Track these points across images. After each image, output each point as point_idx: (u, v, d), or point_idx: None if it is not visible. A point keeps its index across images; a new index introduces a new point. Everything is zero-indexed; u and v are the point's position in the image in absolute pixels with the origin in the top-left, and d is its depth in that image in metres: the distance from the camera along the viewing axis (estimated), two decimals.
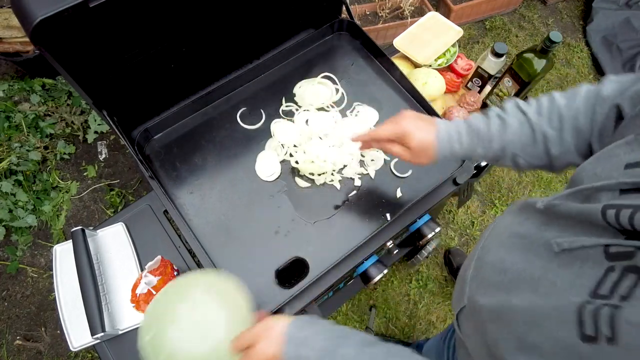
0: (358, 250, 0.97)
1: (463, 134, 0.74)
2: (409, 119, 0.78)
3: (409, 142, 0.77)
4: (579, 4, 2.71)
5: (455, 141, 0.74)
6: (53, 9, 0.66)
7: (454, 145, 0.75)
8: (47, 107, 1.99)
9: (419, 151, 0.77)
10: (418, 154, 0.78)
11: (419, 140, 0.76)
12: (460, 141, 0.74)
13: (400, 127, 0.78)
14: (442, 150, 0.76)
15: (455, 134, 0.74)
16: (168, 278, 0.93)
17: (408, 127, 0.77)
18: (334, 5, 1.23)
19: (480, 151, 0.73)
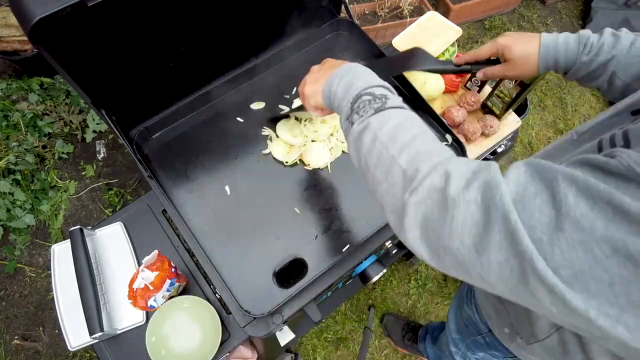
0: (357, 250, 0.97)
1: (571, 42, 0.75)
2: (507, 35, 0.81)
3: (508, 55, 0.80)
4: (578, 3, 2.72)
5: (561, 47, 0.76)
6: (51, 8, 0.66)
7: (559, 52, 0.76)
8: (45, 106, 1.98)
9: (520, 62, 0.79)
10: (519, 66, 0.80)
11: (518, 50, 0.78)
12: (567, 48, 0.75)
13: (497, 42, 0.82)
14: (545, 58, 0.77)
15: (563, 42, 0.76)
16: (165, 274, 0.93)
17: (506, 41, 0.80)
18: (333, 4, 1.22)
19: (585, 59, 0.74)
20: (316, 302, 0.97)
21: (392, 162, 0.52)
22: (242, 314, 0.88)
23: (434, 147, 0.53)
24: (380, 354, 1.77)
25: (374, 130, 0.56)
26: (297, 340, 1.76)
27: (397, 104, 0.59)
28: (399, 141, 0.53)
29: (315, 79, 0.75)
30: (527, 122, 2.29)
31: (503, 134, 1.34)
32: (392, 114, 0.57)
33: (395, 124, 0.55)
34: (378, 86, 0.62)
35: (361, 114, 0.59)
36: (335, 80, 0.68)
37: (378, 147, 0.55)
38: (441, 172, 0.47)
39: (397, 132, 0.54)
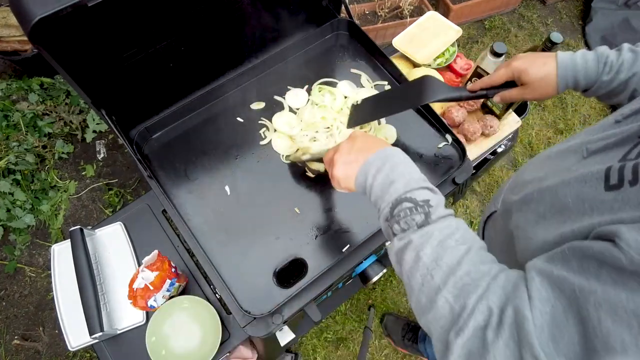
0: (357, 250, 0.97)
1: (590, 60, 0.75)
2: (521, 58, 0.80)
3: (525, 78, 0.79)
4: (578, 3, 2.72)
5: (580, 67, 0.75)
6: (51, 8, 0.66)
7: (578, 72, 0.75)
8: (46, 106, 1.98)
9: (539, 85, 0.78)
10: (537, 88, 0.79)
11: (535, 73, 0.78)
12: (587, 67, 0.75)
13: (511, 67, 0.81)
14: (564, 78, 0.76)
15: (582, 61, 0.75)
16: (165, 274, 0.93)
17: (520, 64, 0.79)
18: (333, 4, 1.22)
19: (606, 79, 0.74)
20: (316, 302, 0.96)
21: (437, 292, 0.51)
22: (242, 314, 0.88)
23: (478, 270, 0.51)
24: (380, 354, 1.77)
25: (416, 248, 0.55)
26: (297, 340, 1.76)
27: (439, 214, 0.57)
28: (444, 265, 0.52)
29: (346, 162, 0.70)
30: (527, 122, 2.29)
31: (503, 134, 1.34)
32: (435, 229, 0.55)
33: (438, 242, 0.54)
34: (419, 188, 0.59)
35: (402, 225, 0.57)
36: (371, 171, 0.65)
37: (422, 270, 0.53)
38: (484, 309, 0.47)
39: (441, 253, 0.53)
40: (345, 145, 0.72)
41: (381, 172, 0.63)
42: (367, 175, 0.65)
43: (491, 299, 0.47)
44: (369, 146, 0.69)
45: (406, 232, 0.57)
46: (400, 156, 0.66)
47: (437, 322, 0.51)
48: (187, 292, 1.05)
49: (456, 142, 1.10)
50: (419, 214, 0.56)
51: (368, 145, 0.69)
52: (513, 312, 0.45)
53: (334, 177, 0.73)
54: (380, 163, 0.65)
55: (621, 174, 0.48)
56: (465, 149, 1.07)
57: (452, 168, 1.07)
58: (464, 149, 1.07)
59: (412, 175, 0.62)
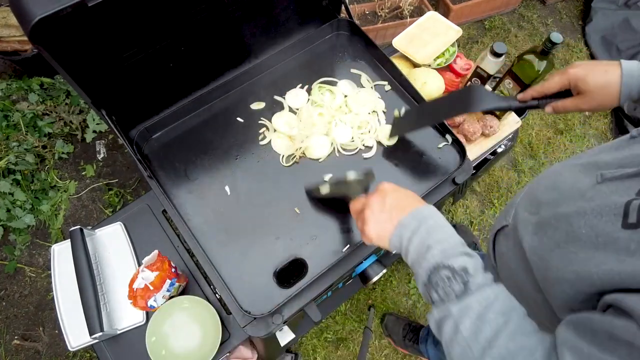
0: (357, 250, 0.97)
1: None
2: (579, 65, 0.75)
3: (583, 87, 0.74)
4: (578, 3, 2.72)
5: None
6: (52, 8, 0.66)
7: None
8: (46, 106, 1.98)
9: (598, 94, 0.73)
10: (596, 97, 0.74)
11: (595, 81, 0.73)
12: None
13: (568, 74, 0.76)
14: (628, 86, 0.72)
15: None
16: (165, 274, 0.93)
17: (578, 72, 0.74)
18: (333, 4, 1.22)
19: None
20: (316, 302, 0.96)
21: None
22: (242, 314, 0.88)
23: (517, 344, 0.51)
24: (380, 354, 1.77)
25: (455, 321, 0.55)
26: (297, 340, 1.75)
27: (478, 283, 0.56)
28: (482, 339, 0.52)
29: (379, 220, 0.68)
30: (527, 122, 2.29)
31: (503, 134, 1.34)
32: (474, 301, 0.55)
33: (477, 315, 0.54)
34: (456, 255, 0.59)
35: (441, 294, 0.57)
36: (406, 234, 0.64)
37: (461, 343, 0.54)
38: None
39: (480, 326, 0.53)
40: (377, 202, 0.70)
41: (417, 235, 0.62)
42: (402, 238, 0.64)
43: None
44: (402, 204, 0.67)
45: (445, 304, 0.56)
46: (435, 217, 0.64)
47: None
48: (187, 292, 1.05)
49: (456, 142, 1.10)
50: (458, 284, 0.56)
51: (401, 203, 0.67)
52: None
53: (365, 235, 0.70)
54: (415, 225, 0.63)
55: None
56: (465, 149, 1.07)
57: (452, 168, 1.07)
58: (464, 149, 1.07)
59: (449, 240, 0.61)
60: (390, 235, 0.67)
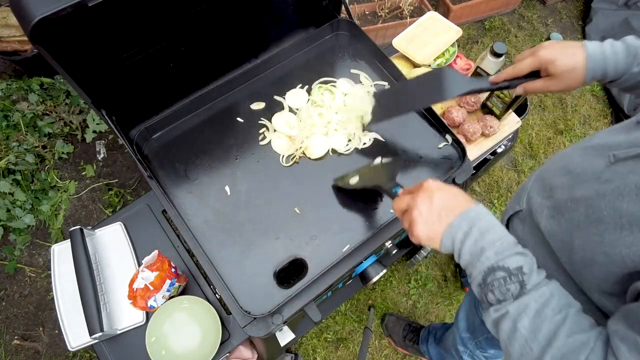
0: (357, 251, 0.97)
1: (620, 52, 0.73)
2: (548, 47, 0.77)
3: (552, 70, 0.76)
4: (578, 4, 2.72)
5: (610, 59, 0.73)
6: (52, 8, 0.66)
7: (608, 64, 0.73)
8: (46, 107, 1.98)
9: (565, 76, 0.76)
10: (564, 79, 0.76)
11: (563, 64, 0.75)
12: (616, 60, 0.73)
13: (538, 56, 0.77)
14: (593, 70, 0.74)
15: (611, 53, 0.73)
16: (165, 274, 0.93)
17: (548, 54, 0.76)
18: (333, 4, 1.22)
19: (636, 70, 0.72)
20: (316, 302, 0.96)
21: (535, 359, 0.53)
22: (242, 314, 0.88)
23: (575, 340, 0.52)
24: (380, 354, 1.77)
25: (514, 320, 0.55)
26: (297, 340, 1.75)
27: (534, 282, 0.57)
28: (541, 337, 0.53)
29: (428, 221, 0.67)
30: (527, 123, 2.29)
31: (503, 134, 1.34)
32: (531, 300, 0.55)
33: (535, 312, 0.55)
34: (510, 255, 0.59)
35: (497, 295, 0.57)
36: (458, 236, 0.63)
37: (520, 341, 0.55)
38: None
39: (539, 324, 0.54)
40: (424, 202, 0.68)
41: (469, 237, 0.62)
42: (455, 240, 0.64)
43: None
44: (451, 204, 0.66)
45: (502, 304, 0.57)
46: (485, 218, 0.64)
47: None
48: (187, 292, 1.05)
49: (456, 143, 1.10)
50: (514, 284, 0.56)
51: (449, 204, 0.66)
52: None
53: (414, 236, 0.69)
54: (467, 227, 0.63)
55: None
56: (465, 149, 1.06)
57: (452, 168, 1.07)
58: (464, 149, 1.07)
59: (502, 240, 0.61)
60: (440, 237, 0.66)
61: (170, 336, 0.98)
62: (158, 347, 0.96)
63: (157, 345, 0.96)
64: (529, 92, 0.84)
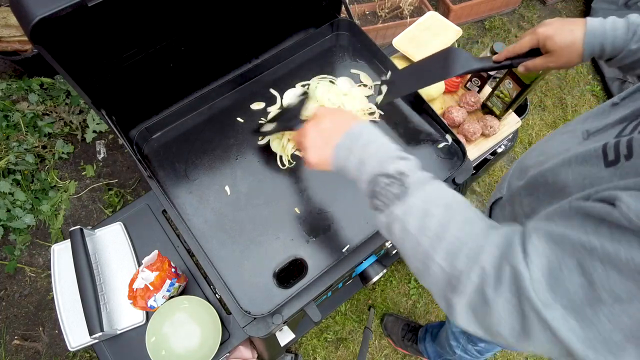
0: (357, 251, 0.97)
1: (619, 28, 0.73)
2: (547, 24, 0.78)
3: (551, 46, 0.77)
4: (578, 4, 2.72)
5: (609, 35, 0.73)
6: (52, 8, 0.66)
7: (606, 39, 0.73)
8: (46, 107, 1.98)
9: (565, 52, 0.76)
10: (562, 56, 0.77)
11: (561, 40, 0.75)
12: (615, 35, 0.73)
13: (537, 34, 0.78)
14: (591, 45, 0.74)
15: (611, 29, 0.74)
16: (165, 274, 0.93)
17: (547, 31, 0.77)
18: (333, 4, 1.22)
19: (634, 47, 0.73)
20: (316, 302, 0.96)
21: (428, 258, 0.53)
22: (242, 314, 0.88)
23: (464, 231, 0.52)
24: (380, 354, 1.77)
25: (400, 221, 0.56)
26: (297, 340, 1.75)
27: (416, 181, 0.58)
28: (429, 232, 0.53)
29: (316, 146, 0.71)
30: (527, 123, 2.29)
31: (503, 134, 1.34)
32: (414, 197, 0.56)
33: (421, 210, 0.55)
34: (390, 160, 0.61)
35: (382, 200, 0.58)
36: (342, 155, 0.66)
37: (410, 239, 0.55)
38: (477, 270, 0.49)
39: (425, 220, 0.54)
40: (313, 128, 0.73)
41: (353, 154, 0.65)
42: (340, 159, 0.67)
43: (484, 259, 0.48)
44: (336, 126, 0.69)
45: (389, 207, 0.58)
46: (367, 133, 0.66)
47: (435, 285, 0.53)
48: (187, 292, 1.05)
49: (456, 143, 1.10)
50: (396, 186, 0.57)
51: (335, 126, 0.70)
52: (510, 269, 0.46)
53: (308, 162, 0.74)
54: (350, 144, 0.66)
55: (617, 150, 0.50)
56: (465, 149, 1.07)
57: (452, 168, 1.07)
58: (464, 149, 1.07)
59: (382, 149, 0.63)
60: (329, 158, 0.69)
61: (170, 336, 0.98)
62: (158, 347, 0.96)
63: (157, 345, 0.96)
64: (530, 69, 0.84)
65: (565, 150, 0.64)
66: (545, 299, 0.43)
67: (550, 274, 0.43)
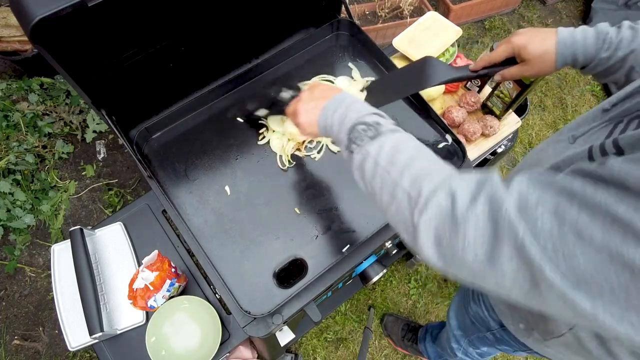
0: (357, 251, 0.97)
1: (589, 37, 0.74)
2: (521, 33, 0.80)
3: (524, 55, 0.79)
4: (578, 4, 2.72)
5: (580, 44, 0.75)
6: (52, 8, 0.66)
7: (577, 49, 0.75)
8: (46, 107, 1.98)
9: (538, 61, 0.78)
10: (536, 65, 0.79)
11: (534, 49, 0.77)
12: (586, 45, 0.74)
13: (511, 42, 0.80)
14: (563, 55, 0.76)
15: (581, 38, 0.75)
16: (165, 274, 0.93)
17: (520, 40, 0.79)
18: (333, 4, 1.22)
19: (604, 55, 0.74)
20: (316, 302, 0.96)
21: (395, 185, 0.55)
22: (242, 314, 0.88)
23: (432, 165, 0.55)
24: (380, 354, 1.77)
25: (373, 156, 0.59)
26: (297, 340, 1.75)
27: (389, 128, 0.62)
28: (398, 163, 0.56)
29: (307, 109, 0.77)
30: (527, 123, 2.29)
31: (503, 134, 1.34)
32: (387, 138, 0.60)
33: (391, 147, 0.58)
34: (369, 114, 0.66)
35: (358, 142, 0.62)
36: (329, 113, 0.71)
37: (380, 172, 0.58)
38: (445, 190, 0.49)
39: (395, 154, 0.57)
40: (306, 95, 0.79)
41: (337, 111, 0.69)
42: (327, 117, 0.71)
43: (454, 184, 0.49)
44: (327, 94, 0.75)
45: (364, 147, 0.61)
46: (351, 97, 0.71)
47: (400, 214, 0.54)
48: (187, 292, 1.05)
49: (456, 143, 1.10)
50: (371, 130, 0.62)
51: (326, 93, 0.75)
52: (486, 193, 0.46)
53: (299, 124, 0.79)
54: (336, 104, 0.71)
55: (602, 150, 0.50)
56: (465, 149, 1.06)
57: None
58: (464, 149, 1.07)
59: (364, 108, 0.68)
60: (317, 119, 0.74)
61: (170, 336, 0.98)
62: (158, 347, 0.96)
63: (157, 345, 0.96)
64: (507, 78, 0.86)
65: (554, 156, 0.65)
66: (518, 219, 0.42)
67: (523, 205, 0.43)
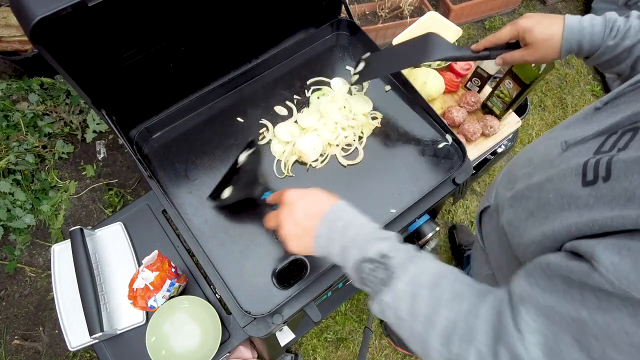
0: None
1: (597, 24, 0.74)
2: (528, 17, 0.78)
3: (529, 38, 0.77)
4: (578, 3, 2.72)
5: (587, 30, 0.74)
6: (52, 8, 0.66)
7: (584, 35, 0.74)
8: (46, 107, 1.98)
9: (542, 46, 0.76)
10: (540, 49, 0.77)
11: (540, 33, 0.76)
12: (593, 31, 0.73)
13: (517, 25, 0.79)
14: (568, 41, 0.75)
15: (589, 24, 0.74)
16: (165, 274, 0.93)
17: (527, 23, 0.77)
18: (333, 4, 1.22)
19: (611, 43, 0.72)
20: (316, 302, 0.96)
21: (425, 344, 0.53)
22: (242, 314, 0.88)
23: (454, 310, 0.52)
24: (380, 354, 1.77)
25: (392, 308, 0.56)
26: (297, 340, 1.75)
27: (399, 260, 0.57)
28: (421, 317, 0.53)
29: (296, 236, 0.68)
30: (527, 123, 2.29)
31: (503, 134, 1.34)
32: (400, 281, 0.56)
33: (409, 295, 0.55)
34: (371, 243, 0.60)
35: (371, 287, 0.58)
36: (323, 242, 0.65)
37: (404, 326, 0.55)
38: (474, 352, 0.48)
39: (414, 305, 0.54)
40: (287, 219, 0.69)
41: (333, 241, 0.64)
42: (322, 247, 0.66)
43: (479, 340, 0.48)
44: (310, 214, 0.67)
45: (379, 295, 0.57)
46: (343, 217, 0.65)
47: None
48: (187, 292, 1.05)
49: (456, 142, 1.10)
50: (380, 270, 0.57)
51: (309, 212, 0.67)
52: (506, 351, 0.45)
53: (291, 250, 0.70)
54: (328, 231, 0.65)
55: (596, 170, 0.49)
56: (466, 149, 1.06)
57: (452, 168, 1.07)
58: (464, 149, 1.07)
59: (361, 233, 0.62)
60: (312, 247, 0.67)
61: (171, 336, 0.98)
62: (158, 347, 0.96)
63: (157, 345, 0.96)
64: (508, 62, 0.84)
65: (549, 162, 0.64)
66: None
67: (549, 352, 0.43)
